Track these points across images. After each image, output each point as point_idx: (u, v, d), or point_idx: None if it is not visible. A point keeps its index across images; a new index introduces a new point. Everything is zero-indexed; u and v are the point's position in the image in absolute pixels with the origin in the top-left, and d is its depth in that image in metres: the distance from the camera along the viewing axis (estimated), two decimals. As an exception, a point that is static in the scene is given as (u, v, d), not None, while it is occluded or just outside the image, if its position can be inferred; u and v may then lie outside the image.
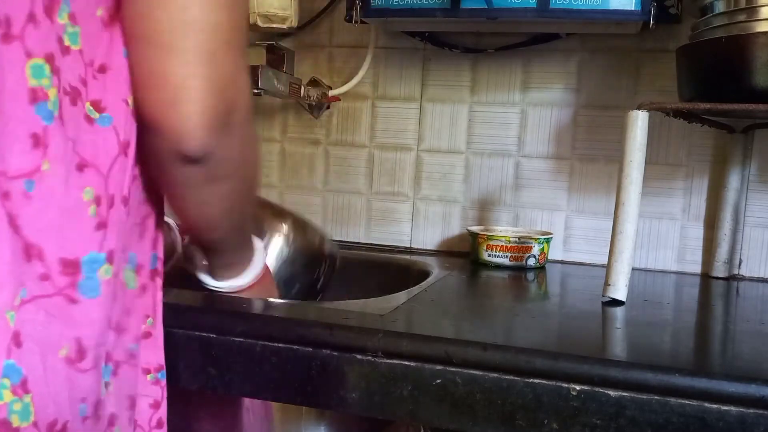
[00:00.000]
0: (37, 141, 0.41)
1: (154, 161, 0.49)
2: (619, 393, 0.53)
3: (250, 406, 0.86)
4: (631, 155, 0.75)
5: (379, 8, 0.99)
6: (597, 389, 0.54)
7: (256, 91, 1.01)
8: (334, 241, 1.20)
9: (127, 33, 0.45)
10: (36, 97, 0.41)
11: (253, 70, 0.99)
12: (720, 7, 0.80)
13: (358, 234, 1.19)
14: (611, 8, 0.90)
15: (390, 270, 1.04)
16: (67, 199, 0.43)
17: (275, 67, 1.08)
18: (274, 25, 1.10)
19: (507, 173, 1.12)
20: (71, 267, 0.43)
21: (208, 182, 0.50)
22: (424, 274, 0.94)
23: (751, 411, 0.51)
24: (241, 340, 0.62)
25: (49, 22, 0.42)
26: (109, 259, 0.45)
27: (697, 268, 1.05)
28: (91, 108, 0.45)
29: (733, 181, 0.99)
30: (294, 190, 1.23)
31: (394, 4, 0.98)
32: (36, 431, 0.41)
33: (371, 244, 1.18)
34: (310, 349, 0.60)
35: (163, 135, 0.45)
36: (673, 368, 0.53)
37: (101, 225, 0.45)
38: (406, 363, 0.58)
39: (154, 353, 0.55)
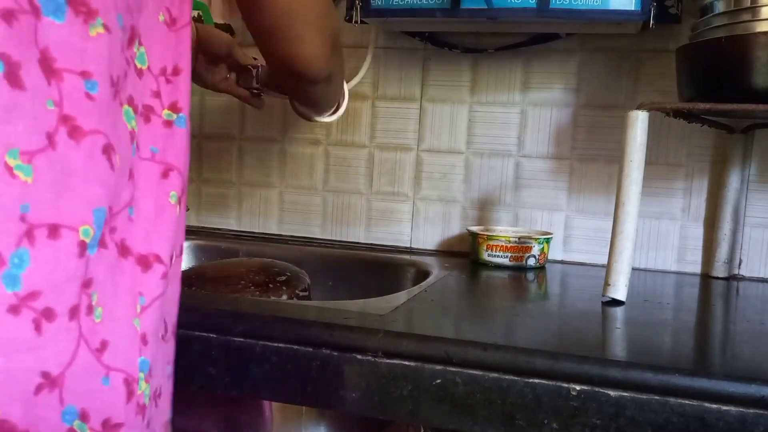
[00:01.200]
0: (131, 174, 0.47)
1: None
2: (619, 393, 0.53)
3: (251, 406, 0.86)
4: (631, 155, 0.75)
5: (379, 8, 0.99)
6: (597, 389, 0.54)
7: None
8: (333, 241, 1.20)
9: (262, 36, 0.63)
10: (132, 138, 0.47)
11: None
12: (720, 7, 0.80)
13: (358, 234, 1.19)
14: (611, 8, 0.90)
15: (390, 270, 1.04)
16: (157, 208, 0.50)
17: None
18: (274, 25, 1.10)
19: (507, 173, 1.12)
20: (179, 258, 0.52)
21: (328, 85, 0.76)
22: (424, 274, 0.94)
23: (751, 411, 0.51)
24: (241, 340, 0.62)
25: (133, 69, 0.47)
26: (180, 249, 0.54)
27: (697, 268, 1.05)
28: (169, 112, 0.51)
29: (733, 181, 0.99)
30: (294, 190, 1.23)
31: (394, 4, 0.98)
32: (152, 403, 0.49)
33: (371, 244, 1.18)
34: (310, 349, 0.60)
35: (304, 78, 0.68)
36: (673, 368, 0.53)
37: (182, 221, 0.53)
38: (406, 363, 0.58)
39: None
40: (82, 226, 0.42)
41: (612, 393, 0.53)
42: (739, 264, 1.03)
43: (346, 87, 0.98)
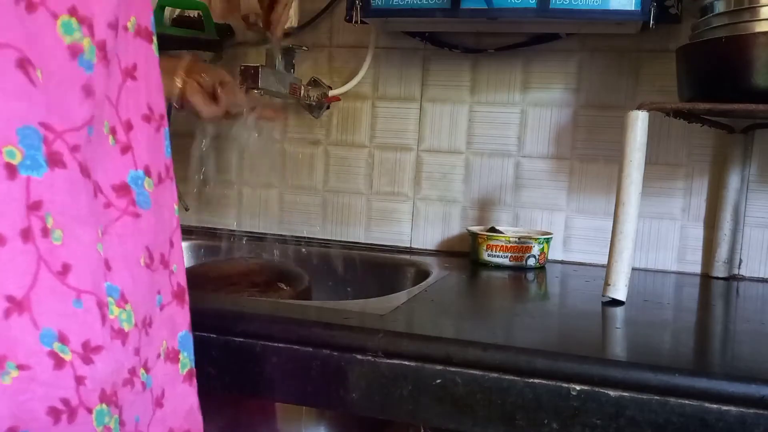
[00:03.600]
0: (87, 91, 0.45)
1: None
2: (619, 393, 0.53)
3: (251, 406, 0.86)
4: (631, 155, 0.75)
5: (379, 8, 0.99)
6: (597, 389, 0.54)
7: (256, 91, 1.01)
8: (333, 241, 1.20)
9: None
10: (74, 52, 0.44)
11: (253, 70, 0.99)
12: (720, 7, 0.80)
13: (358, 234, 1.19)
14: (611, 8, 0.90)
15: (390, 270, 1.04)
16: (101, 136, 0.47)
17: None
18: (274, 25, 1.10)
19: (507, 173, 1.12)
20: (123, 189, 0.49)
21: None
22: (424, 274, 0.94)
23: (751, 411, 0.51)
24: (241, 340, 0.62)
25: None
26: (147, 172, 0.51)
27: (697, 268, 1.05)
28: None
29: (733, 181, 0.99)
30: (294, 190, 1.23)
31: (394, 4, 0.98)
32: (137, 330, 0.48)
33: (371, 244, 1.18)
34: (310, 349, 0.60)
35: None
36: (673, 368, 0.53)
37: (126, 148, 0.49)
38: (407, 363, 0.58)
39: None
40: (5, 147, 0.40)
41: (612, 393, 0.53)
42: (739, 264, 1.03)
43: None
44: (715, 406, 0.52)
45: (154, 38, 0.52)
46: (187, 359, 0.54)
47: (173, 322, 0.53)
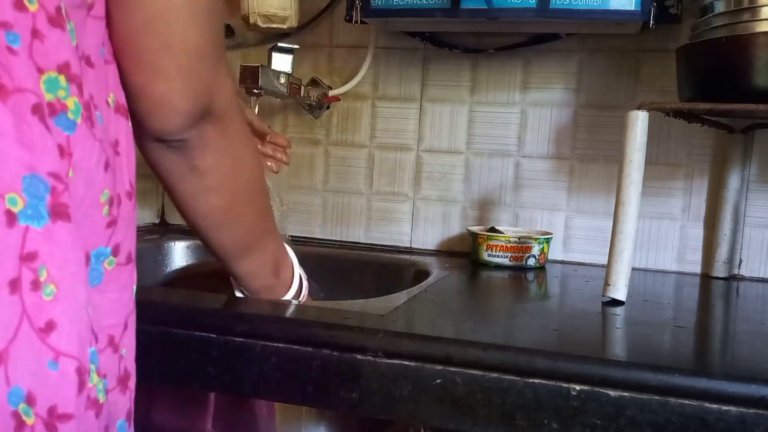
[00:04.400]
0: (62, 151, 0.43)
1: (148, 150, 0.56)
2: (619, 393, 0.53)
3: (251, 406, 0.86)
4: (631, 155, 0.75)
5: (379, 8, 0.99)
6: (597, 389, 0.54)
7: (256, 90, 1.01)
8: (333, 241, 1.20)
9: (115, 52, 0.49)
10: (54, 110, 0.42)
11: (253, 70, 0.99)
12: (720, 7, 0.80)
13: (358, 234, 1.19)
14: (611, 8, 0.90)
15: (390, 270, 1.04)
16: (86, 201, 0.45)
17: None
18: (274, 26, 1.10)
19: (507, 173, 1.12)
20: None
21: (191, 172, 0.57)
22: (424, 274, 0.94)
23: (751, 411, 0.51)
24: (241, 340, 0.62)
25: (60, 31, 0.43)
26: (115, 251, 0.49)
27: (697, 268, 1.05)
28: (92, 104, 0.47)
29: (733, 181, 0.99)
30: (294, 190, 1.23)
31: (394, 4, 0.98)
32: (107, 405, 0.46)
33: (371, 244, 1.18)
34: (310, 349, 0.60)
35: (147, 127, 0.52)
36: (673, 368, 0.53)
37: (111, 223, 0.48)
38: (407, 363, 0.58)
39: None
40: (8, 194, 0.39)
41: (612, 393, 0.53)
42: (739, 264, 1.03)
43: (290, 251, 0.75)
44: (715, 406, 0.52)
45: (129, 115, 0.51)
46: None
47: (115, 409, 0.49)
